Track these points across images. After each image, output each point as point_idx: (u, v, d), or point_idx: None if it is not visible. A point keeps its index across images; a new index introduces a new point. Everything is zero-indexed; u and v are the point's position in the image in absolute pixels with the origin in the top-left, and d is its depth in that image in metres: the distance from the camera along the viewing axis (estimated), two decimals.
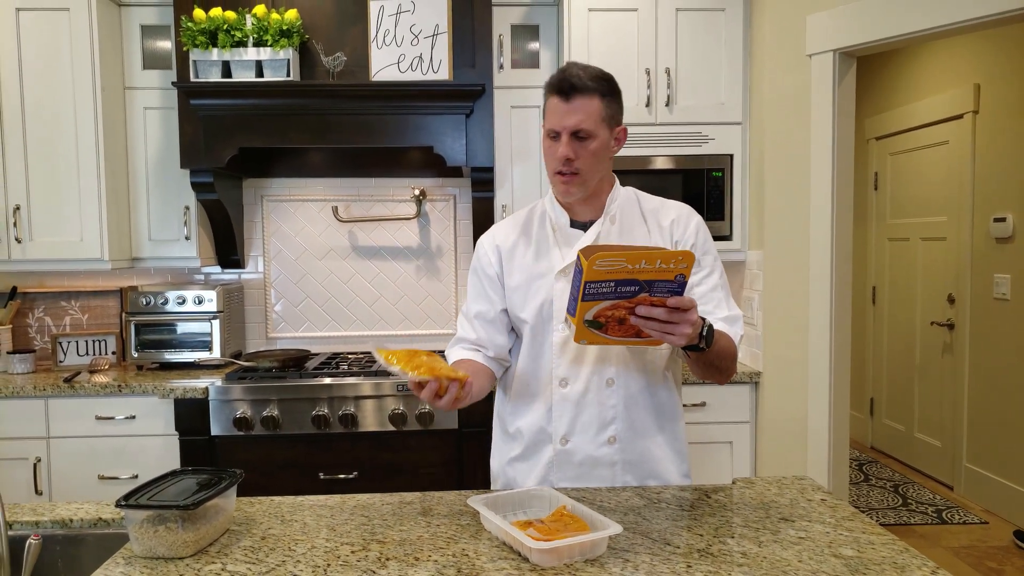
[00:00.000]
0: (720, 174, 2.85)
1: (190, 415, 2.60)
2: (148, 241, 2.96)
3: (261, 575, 1.10)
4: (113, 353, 3.09)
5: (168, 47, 2.93)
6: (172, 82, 2.75)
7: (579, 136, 1.43)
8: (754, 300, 2.82)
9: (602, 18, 2.80)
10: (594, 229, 1.52)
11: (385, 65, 2.74)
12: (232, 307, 3.07)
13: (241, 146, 2.73)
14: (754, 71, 2.81)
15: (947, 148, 4.11)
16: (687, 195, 2.82)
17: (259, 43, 2.66)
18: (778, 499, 1.41)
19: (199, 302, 2.91)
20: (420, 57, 2.73)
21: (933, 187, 4.24)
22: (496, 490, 1.56)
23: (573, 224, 1.54)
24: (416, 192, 3.21)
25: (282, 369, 2.77)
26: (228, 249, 3.14)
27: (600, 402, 1.50)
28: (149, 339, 2.91)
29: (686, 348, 1.35)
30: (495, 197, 2.97)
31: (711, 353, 1.37)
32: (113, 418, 2.65)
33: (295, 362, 2.87)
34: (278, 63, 2.67)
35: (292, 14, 2.67)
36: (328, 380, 2.63)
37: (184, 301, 2.92)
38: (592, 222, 1.54)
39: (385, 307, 3.29)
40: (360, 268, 3.28)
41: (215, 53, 2.66)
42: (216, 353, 2.91)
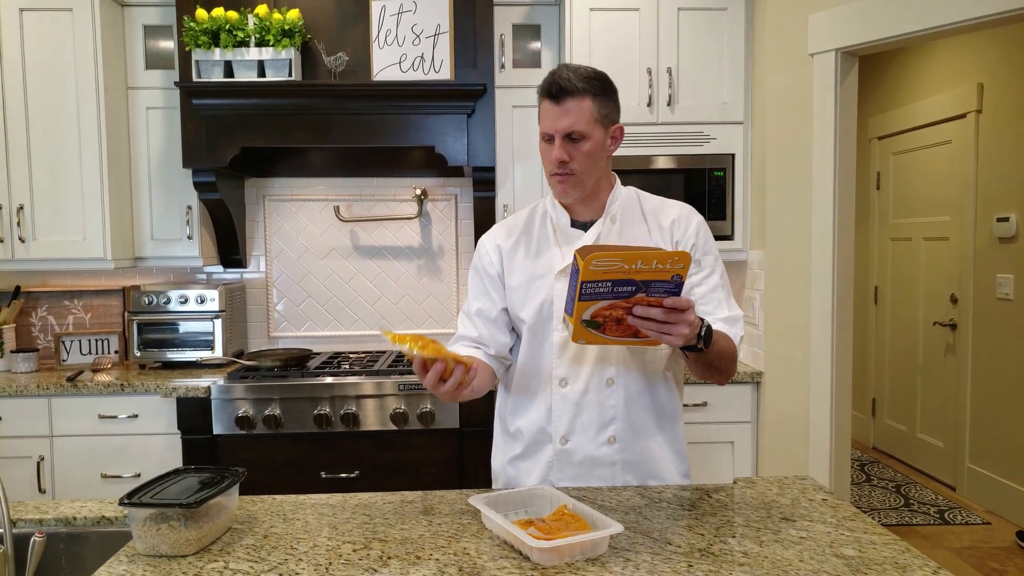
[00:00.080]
0: (722, 174, 2.85)
1: (192, 414, 2.61)
2: (151, 240, 2.97)
3: (263, 573, 1.11)
4: (116, 352, 3.10)
5: (171, 47, 2.94)
6: (175, 82, 2.75)
7: (572, 138, 1.43)
8: (755, 300, 2.82)
9: (603, 17, 2.80)
10: (595, 229, 1.52)
11: (387, 65, 2.74)
12: (234, 306, 3.08)
13: (243, 146, 2.73)
14: (756, 71, 2.81)
15: (950, 148, 4.10)
16: (689, 195, 2.82)
17: (261, 43, 2.66)
18: (779, 499, 1.41)
19: (201, 301, 2.92)
20: (422, 57, 2.73)
21: (936, 187, 4.23)
22: (497, 489, 1.57)
23: (574, 224, 1.54)
24: (418, 192, 3.21)
25: (284, 368, 2.78)
26: (230, 248, 3.15)
27: (600, 402, 1.50)
28: (151, 338, 2.92)
29: (684, 348, 1.35)
30: (496, 197, 2.97)
31: (710, 354, 1.37)
32: (116, 417, 2.66)
33: (297, 361, 2.87)
34: (280, 63, 2.68)
35: (294, 14, 2.67)
36: (330, 379, 2.64)
37: (186, 300, 2.92)
38: (593, 222, 1.54)
39: (387, 307, 3.29)
40: (362, 268, 3.29)
41: (217, 53, 2.66)
42: (218, 352, 2.92)
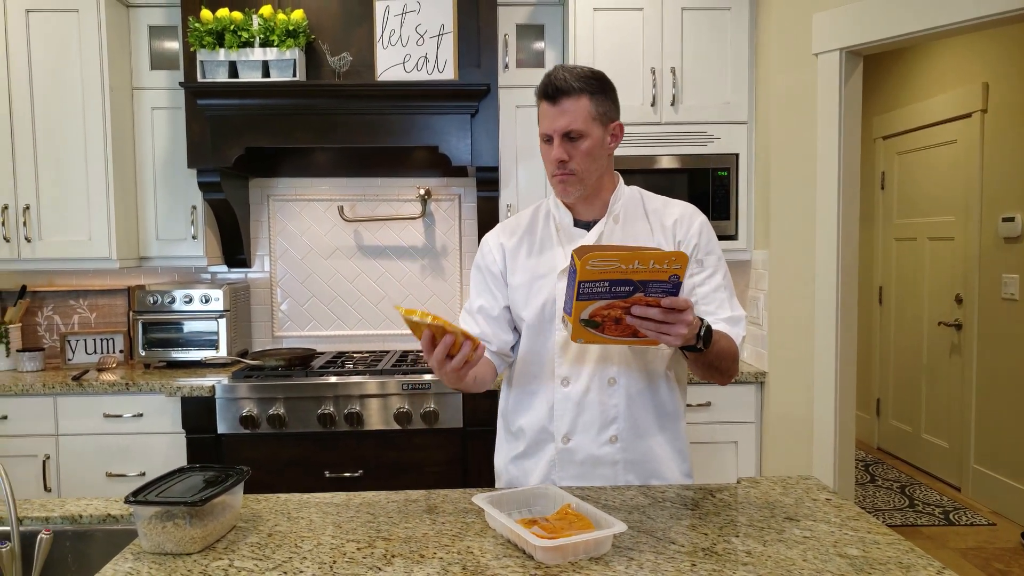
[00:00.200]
0: (725, 173, 2.84)
1: (197, 413, 2.61)
2: (155, 240, 2.98)
3: (268, 571, 1.11)
4: (121, 352, 3.11)
5: (175, 47, 2.95)
6: (179, 82, 2.77)
7: (571, 137, 1.44)
8: (759, 300, 2.82)
9: (607, 17, 2.80)
10: (597, 228, 1.52)
11: (391, 65, 2.74)
12: (238, 306, 3.09)
13: (248, 146, 2.74)
14: (760, 70, 2.81)
15: (955, 147, 4.09)
16: (692, 195, 2.82)
17: (265, 43, 2.67)
18: (783, 499, 1.41)
19: (206, 301, 2.93)
20: (425, 57, 2.73)
21: (941, 186, 4.22)
22: (500, 488, 1.57)
23: (577, 223, 1.55)
24: (421, 192, 3.22)
25: (288, 368, 2.79)
26: (235, 248, 3.16)
27: (602, 401, 1.50)
28: (156, 338, 2.93)
29: (684, 348, 1.35)
30: (500, 196, 2.97)
31: (710, 354, 1.37)
32: (121, 416, 2.67)
33: (301, 361, 2.88)
34: (284, 63, 2.69)
35: (298, 14, 2.68)
36: (334, 379, 2.64)
37: (191, 300, 2.93)
38: (596, 221, 1.54)
39: (390, 306, 3.30)
40: (365, 267, 3.29)
41: (222, 53, 2.67)
42: (222, 352, 2.93)
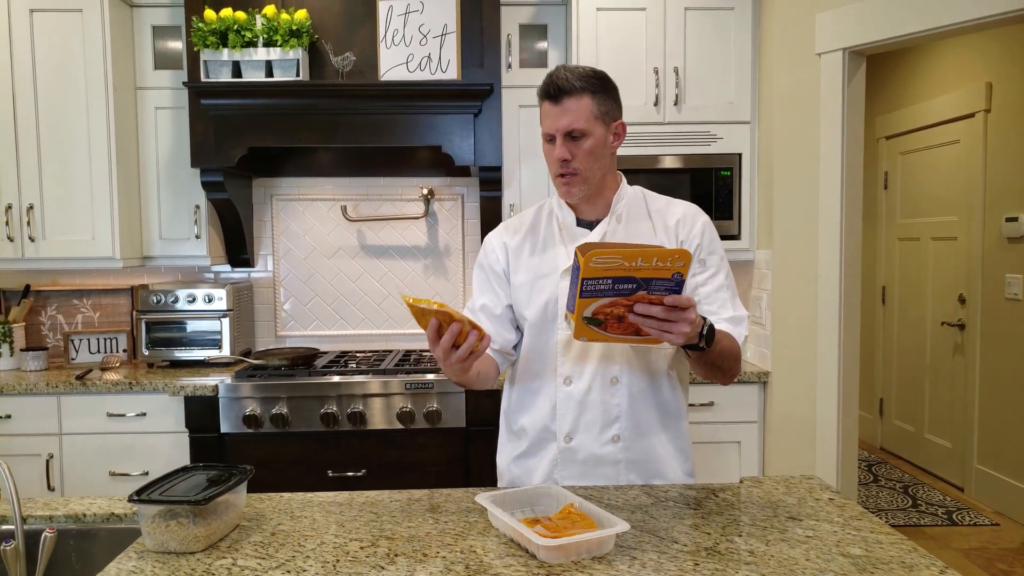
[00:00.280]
0: (728, 173, 2.84)
1: (200, 412, 2.62)
2: (159, 240, 2.99)
3: (271, 570, 1.11)
4: (124, 351, 3.12)
5: (179, 47, 2.96)
6: (183, 82, 2.77)
7: (573, 136, 1.44)
8: (762, 300, 2.82)
9: (610, 17, 2.80)
10: (600, 228, 1.52)
11: (394, 65, 2.75)
12: (242, 305, 3.09)
13: (251, 145, 2.75)
14: (763, 70, 2.81)
15: (958, 147, 4.08)
16: (695, 194, 2.82)
17: (269, 43, 2.67)
18: (786, 498, 1.41)
19: (209, 300, 2.93)
20: (429, 57, 2.74)
21: (944, 186, 4.21)
22: (503, 487, 1.57)
23: (580, 223, 1.55)
24: (424, 191, 3.22)
25: (291, 367, 2.79)
26: (238, 248, 3.16)
27: (604, 400, 1.50)
28: (160, 337, 2.93)
29: (686, 347, 1.35)
30: (503, 196, 2.97)
31: (712, 353, 1.37)
32: (124, 415, 2.68)
33: (304, 360, 2.88)
34: (288, 63, 2.69)
35: (302, 14, 2.68)
36: (337, 378, 2.65)
37: (194, 299, 2.94)
38: (599, 221, 1.54)
39: (393, 306, 3.30)
40: (369, 267, 3.30)
41: (225, 53, 2.68)
42: (226, 351, 2.93)
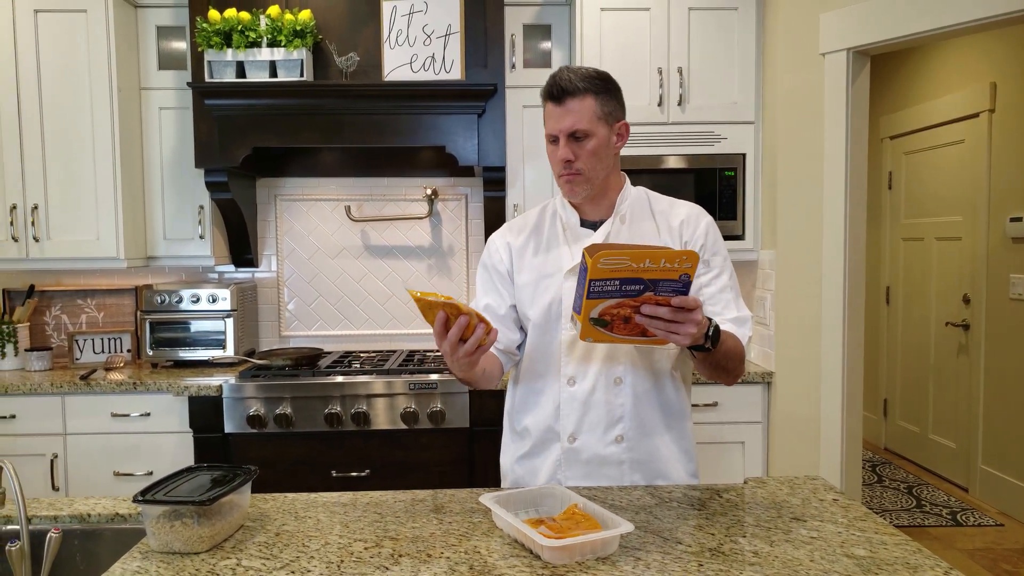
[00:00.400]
0: (732, 173, 2.84)
1: (204, 412, 2.62)
2: (163, 240, 2.99)
3: (275, 570, 1.11)
4: (128, 351, 3.12)
5: (183, 48, 2.96)
6: (187, 82, 2.77)
7: (576, 136, 1.44)
8: (766, 300, 2.81)
9: (614, 17, 2.80)
10: (604, 228, 1.52)
11: (398, 65, 2.75)
12: (246, 306, 3.10)
13: (255, 146, 2.75)
14: (767, 70, 2.80)
15: (963, 147, 4.07)
16: (699, 194, 2.82)
17: (273, 43, 2.68)
18: (790, 499, 1.40)
19: (213, 301, 2.94)
20: (432, 57, 2.74)
21: (948, 186, 4.20)
22: (507, 488, 1.57)
23: (583, 223, 1.55)
24: (428, 191, 3.22)
25: (295, 367, 2.79)
26: (242, 248, 3.16)
27: (608, 401, 1.50)
28: (164, 337, 2.94)
29: (692, 348, 1.35)
30: (507, 196, 2.97)
31: (717, 354, 1.37)
32: (128, 415, 2.68)
33: (308, 360, 2.89)
34: (292, 63, 2.69)
35: (306, 15, 2.68)
36: (340, 378, 2.65)
37: (198, 300, 2.94)
38: (602, 221, 1.54)
39: (397, 306, 3.30)
40: (372, 267, 3.30)
41: (229, 53, 2.68)
42: (230, 351, 2.94)
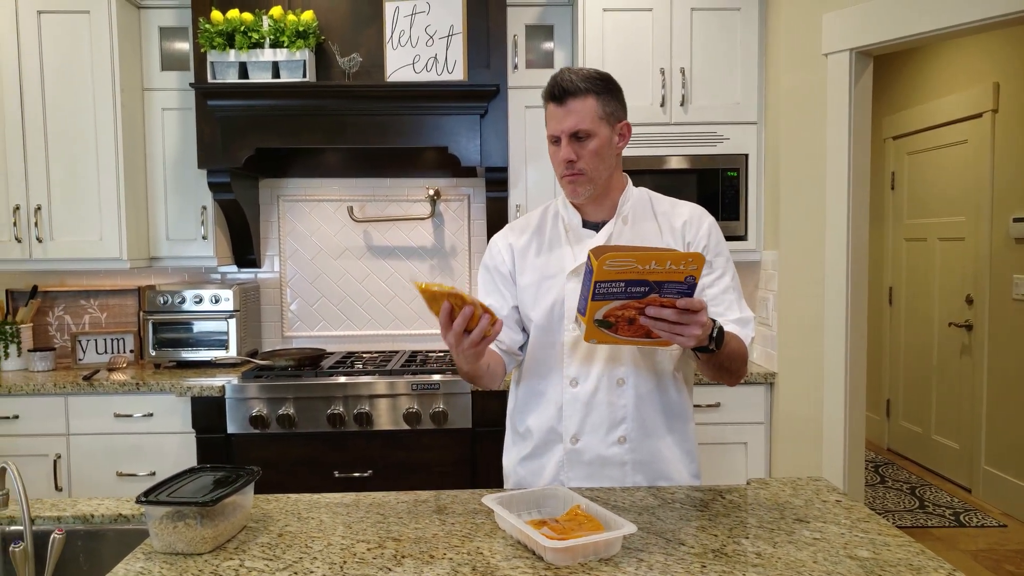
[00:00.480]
0: (735, 174, 2.83)
1: (207, 413, 2.63)
2: (166, 240, 2.99)
3: (278, 571, 1.11)
4: (131, 351, 3.13)
5: (186, 48, 2.96)
6: (190, 83, 2.78)
7: (578, 137, 1.44)
8: (769, 300, 2.81)
9: (616, 18, 2.80)
10: (606, 229, 1.52)
11: (400, 66, 2.75)
12: (248, 306, 3.10)
13: (258, 146, 2.75)
14: (769, 71, 2.80)
15: (966, 147, 4.06)
16: (702, 195, 2.82)
17: (275, 44, 2.68)
18: (793, 500, 1.40)
19: (216, 301, 2.94)
20: (435, 58, 2.74)
21: (951, 187, 4.19)
22: (510, 489, 1.57)
23: (586, 224, 1.55)
24: (430, 192, 3.22)
25: (297, 368, 2.80)
26: (244, 249, 3.17)
27: (610, 402, 1.50)
28: (166, 338, 2.94)
29: (696, 349, 1.35)
30: (509, 197, 2.97)
31: (721, 355, 1.37)
32: (131, 416, 2.68)
33: (310, 361, 2.89)
34: (294, 64, 2.70)
35: (308, 15, 2.68)
36: (343, 379, 2.65)
37: (201, 300, 2.94)
38: (604, 222, 1.54)
39: (399, 306, 3.31)
40: (375, 268, 3.30)
41: (232, 54, 2.68)
42: (232, 352, 2.94)
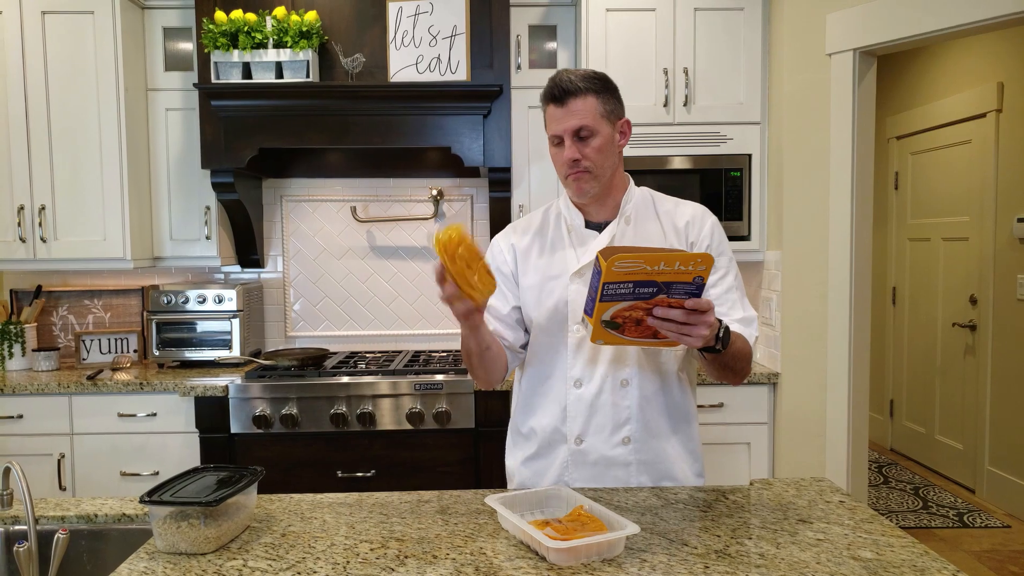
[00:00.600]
0: (738, 174, 2.83)
1: (210, 413, 2.63)
2: (169, 240, 3.00)
3: (281, 571, 1.12)
4: (135, 351, 3.14)
5: (190, 49, 2.97)
6: (193, 83, 2.78)
7: (581, 135, 1.44)
8: (772, 300, 2.81)
9: (620, 18, 2.79)
10: (609, 230, 1.52)
11: (403, 66, 2.75)
12: (251, 306, 3.10)
13: (261, 146, 2.75)
14: (773, 70, 2.80)
15: (969, 147, 4.05)
16: (705, 195, 2.81)
17: (279, 44, 2.68)
18: (796, 500, 1.40)
19: (219, 301, 2.95)
20: (438, 58, 2.74)
21: (955, 187, 4.18)
22: (513, 489, 1.57)
23: (588, 225, 1.55)
24: (434, 192, 3.22)
25: (301, 368, 2.80)
26: (248, 248, 3.17)
27: (615, 403, 1.50)
28: (170, 337, 2.94)
29: (702, 349, 1.35)
30: (512, 197, 2.97)
31: (727, 355, 1.37)
32: (135, 415, 2.69)
33: (313, 361, 2.89)
34: (298, 64, 2.70)
35: (312, 16, 2.69)
36: (346, 379, 2.65)
37: (204, 300, 2.95)
38: (607, 223, 1.54)
39: (403, 306, 3.31)
40: (378, 268, 3.30)
41: (236, 55, 2.68)
42: (236, 352, 2.95)
